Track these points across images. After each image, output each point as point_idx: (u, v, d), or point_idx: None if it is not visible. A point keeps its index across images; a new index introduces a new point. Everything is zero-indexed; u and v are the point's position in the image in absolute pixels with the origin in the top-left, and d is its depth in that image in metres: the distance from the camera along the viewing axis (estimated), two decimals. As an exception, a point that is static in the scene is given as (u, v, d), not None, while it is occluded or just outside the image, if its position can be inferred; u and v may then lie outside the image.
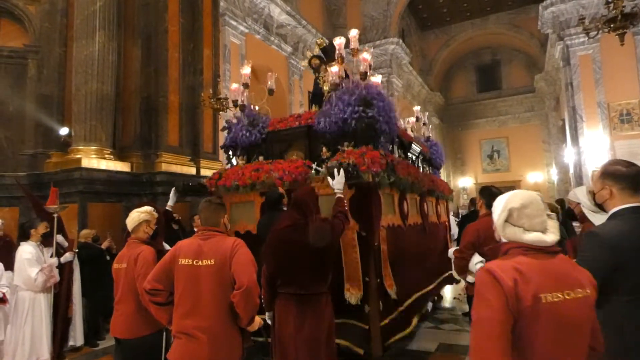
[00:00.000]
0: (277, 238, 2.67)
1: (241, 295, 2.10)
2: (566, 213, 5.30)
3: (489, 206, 3.30)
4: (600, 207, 1.87)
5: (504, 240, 1.45)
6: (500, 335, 1.25)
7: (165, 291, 2.28)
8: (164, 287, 2.28)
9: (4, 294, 3.75)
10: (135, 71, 7.05)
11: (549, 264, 1.35)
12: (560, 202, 7.53)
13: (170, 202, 4.59)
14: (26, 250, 3.93)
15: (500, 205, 1.47)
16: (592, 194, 1.89)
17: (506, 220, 1.43)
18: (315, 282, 2.59)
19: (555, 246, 1.40)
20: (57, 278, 4.09)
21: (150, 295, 2.28)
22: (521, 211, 1.40)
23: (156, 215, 3.06)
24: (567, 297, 1.30)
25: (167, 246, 3.70)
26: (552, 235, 1.39)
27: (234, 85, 4.73)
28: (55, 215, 4.01)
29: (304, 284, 2.57)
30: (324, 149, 4.05)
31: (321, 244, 2.56)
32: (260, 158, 4.48)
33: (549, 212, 1.44)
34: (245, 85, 4.71)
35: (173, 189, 4.61)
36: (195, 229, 5.59)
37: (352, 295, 3.57)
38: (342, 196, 3.13)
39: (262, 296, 2.69)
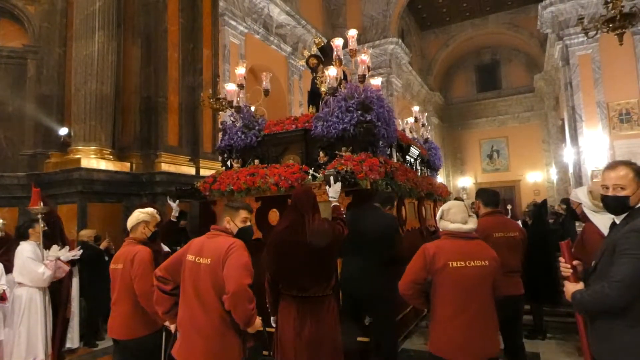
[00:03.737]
0: (277, 240, 2.65)
1: (229, 301, 2.12)
2: (569, 213, 5.29)
3: (486, 205, 3.32)
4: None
5: (440, 230, 2.41)
6: (415, 274, 2.31)
7: (173, 281, 2.33)
8: (172, 278, 2.33)
9: (4, 291, 3.76)
10: (134, 71, 7.04)
11: (461, 244, 2.28)
12: (566, 201, 7.50)
13: (174, 213, 4.58)
14: (26, 249, 3.96)
15: (440, 209, 2.43)
16: (600, 195, 1.89)
17: (441, 217, 2.39)
18: (316, 284, 2.56)
19: (473, 233, 2.33)
20: (67, 268, 4.21)
21: (159, 281, 2.33)
22: (448, 211, 2.37)
23: (158, 218, 3.07)
24: (468, 264, 2.20)
25: (165, 248, 3.71)
26: (469, 225, 2.31)
27: (230, 86, 4.71)
28: (40, 216, 4.00)
29: (305, 286, 2.55)
30: (321, 154, 4.03)
31: (321, 243, 2.53)
32: (256, 161, 4.45)
33: (471, 213, 2.38)
34: (240, 86, 4.68)
35: (171, 199, 4.61)
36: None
37: None
38: (338, 204, 3.12)
39: (267, 300, 2.69)
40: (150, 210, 2.99)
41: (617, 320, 1.66)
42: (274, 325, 2.72)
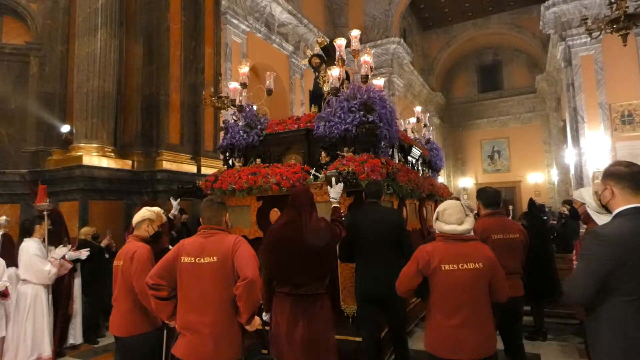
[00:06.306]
0: (274, 236, 2.68)
1: (244, 287, 2.12)
2: (572, 213, 5.28)
3: (486, 206, 3.31)
4: (607, 208, 1.87)
5: (436, 231, 2.39)
6: (410, 277, 2.33)
7: (167, 286, 2.30)
8: (166, 283, 2.30)
9: (6, 288, 3.78)
10: (136, 69, 7.06)
11: (455, 246, 2.27)
12: (569, 202, 7.48)
13: (174, 211, 4.59)
14: (32, 246, 4.00)
15: (436, 211, 2.43)
16: (598, 196, 1.90)
17: (436, 219, 2.37)
18: (310, 282, 2.59)
19: (468, 234, 2.30)
20: (69, 266, 4.28)
21: (153, 290, 2.30)
22: (443, 212, 2.35)
23: (164, 218, 3.12)
24: (461, 267, 2.21)
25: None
26: (464, 226, 2.28)
27: (232, 85, 4.70)
28: (46, 212, 4.04)
29: (299, 283, 2.58)
30: (323, 154, 4.01)
31: (320, 243, 2.56)
32: (258, 160, 4.45)
33: (468, 213, 2.35)
34: (243, 85, 4.68)
35: (172, 197, 4.62)
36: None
37: (348, 307, 3.58)
38: (337, 205, 3.12)
39: (261, 296, 2.70)
40: (157, 209, 3.02)
41: (589, 319, 1.73)
42: (265, 320, 2.75)
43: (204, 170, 7.31)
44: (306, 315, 2.55)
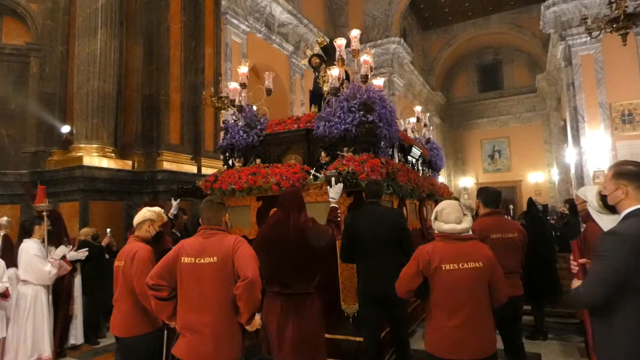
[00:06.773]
0: (262, 236, 2.74)
1: (244, 287, 2.12)
2: (572, 210, 5.27)
3: (486, 204, 3.31)
4: (612, 209, 1.86)
5: (435, 231, 2.40)
6: (410, 278, 2.32)
7: (168, 287, 2.31)
8: (166, 283, 2.30)
9: (6, 289, 3.79)
10: (137, 69, 7.06)
11: (454, 246, 2.28)
12: (570, 201, 7.47)
13: (173, 210, 4.59)
14: (32, 247, 4.00)
15: (434, 210, 2.44)
16: (603, 197, 1.88)
17: (435, 218, 2.39)
18: (298, 282, 2.61)
19: (467, 234, 2.32)
20: (68, 267, 4.29)
21: (153, 290, 2.30)
22: (442, 212, 2.36)
23: (164, 218, 3.12)
24: (461, 267, 2.21)
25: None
26: (463, 225, 2.30)
27: (232, 85, 4.71)
28: (45, 213, 4.05)
29: (287, 283, 2.60)
30: (323, 154, 4.01)
31: (308, 243, 2.58)
32: (258, 160, 4.45)
33: (466, 212, 2.39)
34: (243, 85, 4.68)
35: (172, 198, 4.64)
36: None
37: (348, 307, 3.59)
38: (336, 206, 3.12)
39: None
40: (157, 209, 3.02)
41: (599, 319, 1.72)
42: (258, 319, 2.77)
43: (204, 171, 7.31)
44: (297, 315, 2.57)
